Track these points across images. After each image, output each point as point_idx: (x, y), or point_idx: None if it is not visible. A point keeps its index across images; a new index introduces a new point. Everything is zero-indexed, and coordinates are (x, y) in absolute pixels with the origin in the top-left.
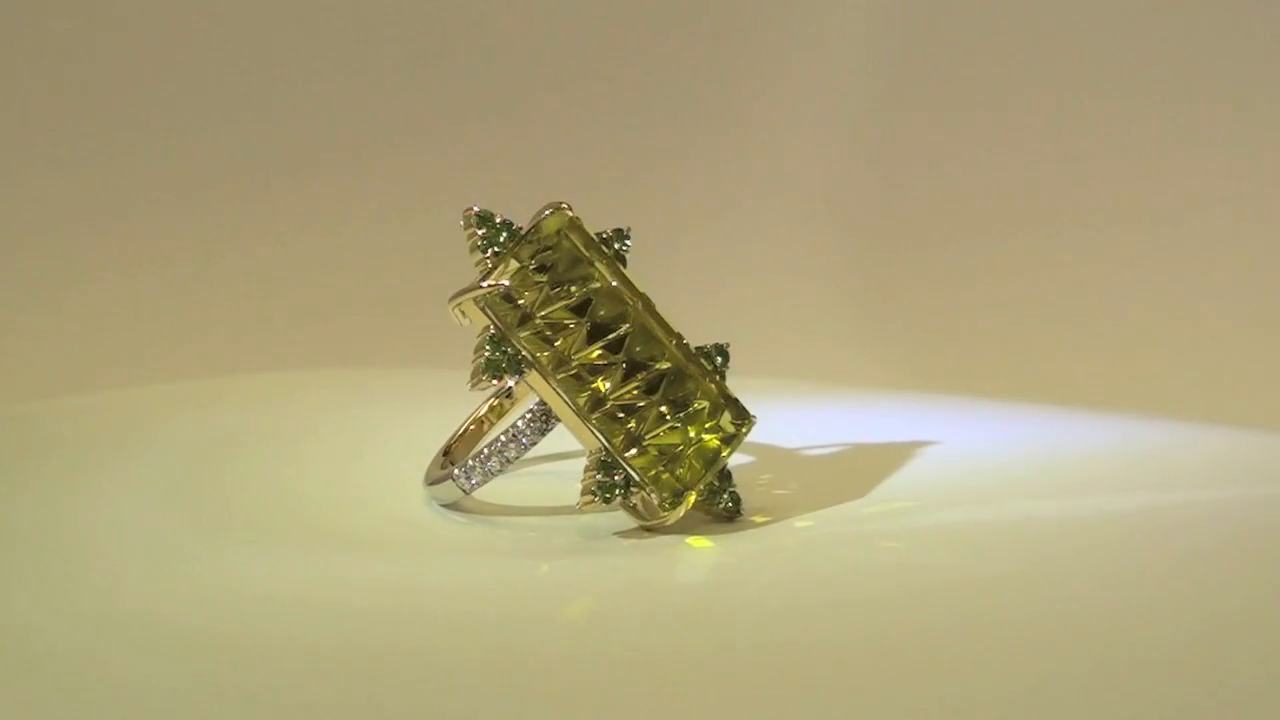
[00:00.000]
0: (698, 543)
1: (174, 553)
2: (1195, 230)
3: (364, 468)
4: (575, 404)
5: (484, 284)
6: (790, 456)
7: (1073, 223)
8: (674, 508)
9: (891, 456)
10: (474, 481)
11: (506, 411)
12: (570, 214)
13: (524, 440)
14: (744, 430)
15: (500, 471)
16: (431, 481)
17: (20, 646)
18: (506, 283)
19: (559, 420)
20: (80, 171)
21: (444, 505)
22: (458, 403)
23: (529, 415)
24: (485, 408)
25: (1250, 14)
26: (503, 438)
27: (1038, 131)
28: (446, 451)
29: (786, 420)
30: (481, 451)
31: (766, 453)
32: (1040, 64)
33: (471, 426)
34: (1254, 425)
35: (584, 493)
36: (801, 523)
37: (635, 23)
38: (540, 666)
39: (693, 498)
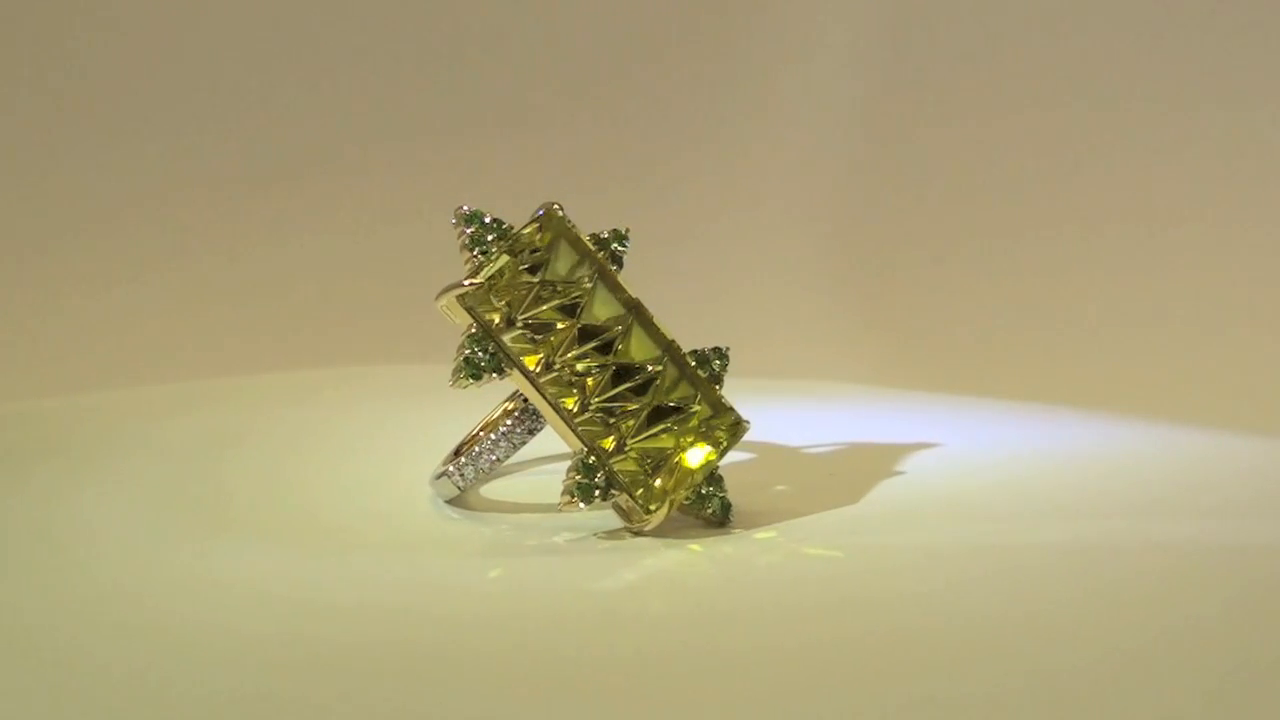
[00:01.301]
0: (667, 548)
1: (172, 550)
2: (1194, 231)
3: (357, 467)
4: (558, 405)
5: (465, 282)
6: (787, 460)
7: (1068, 224)
8: (653, 513)
9: (881, 462)
10: (467, 478)
11: None
12: (562, 215)
13: (513, 439)
14: (736, 436)
15: (492, 469)
16: (435, 477)
17: (20, 644)
18: (479, 281)
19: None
20: (84, 172)
21: (447, 500)
22: (458, 400)
23: (517, 415)
24: (499, 411)
25: (1250, 14)
26: (493, 436)
27: (1034, 133)
28: (457, 452)
29: (786, 422)
30: (473, 450)
31: (765, 455)
32: (1035, 66)
33: (481, 432)
34: (1253, 429)
35: (563, 493)
36: (763, 534)
37: (633, 26)
38: (443, 664)
39: (669, 504)
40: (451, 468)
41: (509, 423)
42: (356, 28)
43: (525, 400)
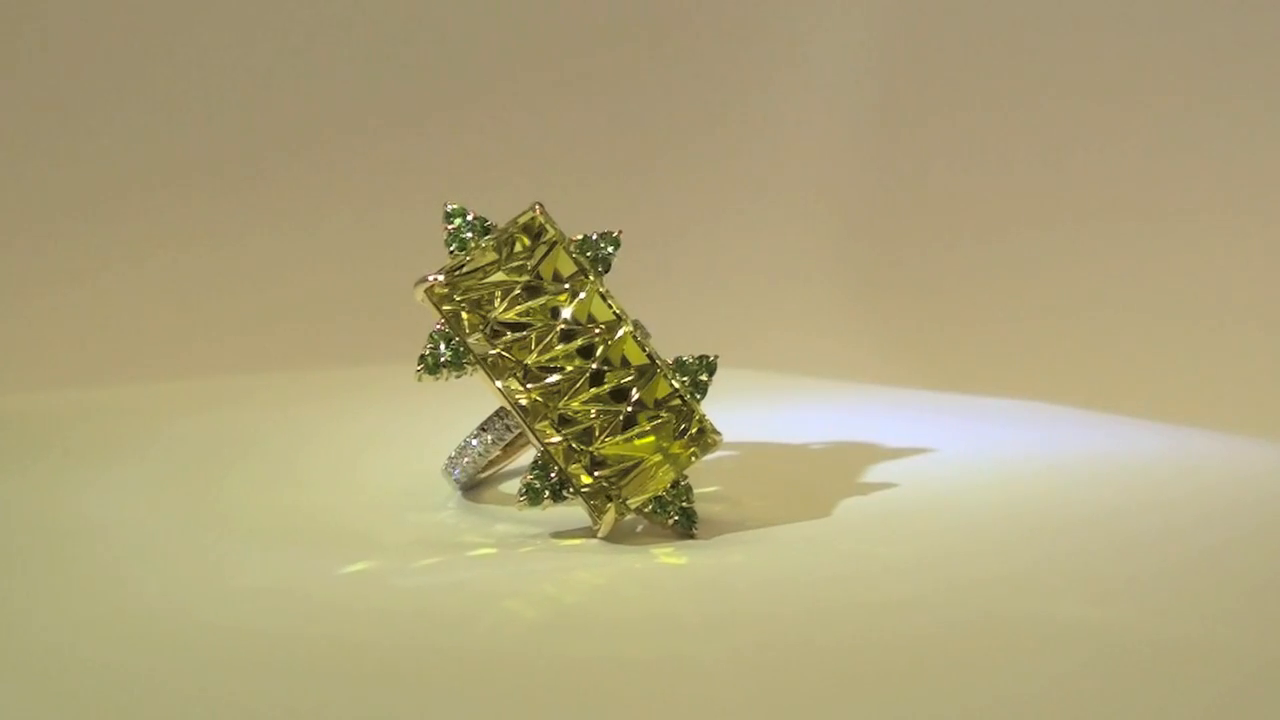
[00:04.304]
0: (593, 553)
1: (176, 549)
2: (1198, 229)
3: (362, 465)
4: (520, 406)
5: (430, 277)
6: (778, 462)
7: (1074, 220)
8: (601, 518)
9: (873, 467)
10: (457, 472)
11: None
12: (543, 217)
13: (493, 434)
14: (705, 449)
15: (479, 462)
16: (441, 470)
17: (24, 643)
18: (441, 277)
19: None
20: (89, 167)
21: (462, 493)
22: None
23: (496, 410)
24: None
25: (1250, 14)
26: (475, 430)
27: (1040, 129)
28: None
29: (786, 420)
30: (461, 445)
31: (762, 455)
32: (1042, 63)
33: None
34: (1254, 430)
35: (518, 492)
36: (661, 550)
37: (638, 18)
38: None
39: (615, 511)
40: (446, 462)
41: (489, 417)
42: (356, 14)
43: None
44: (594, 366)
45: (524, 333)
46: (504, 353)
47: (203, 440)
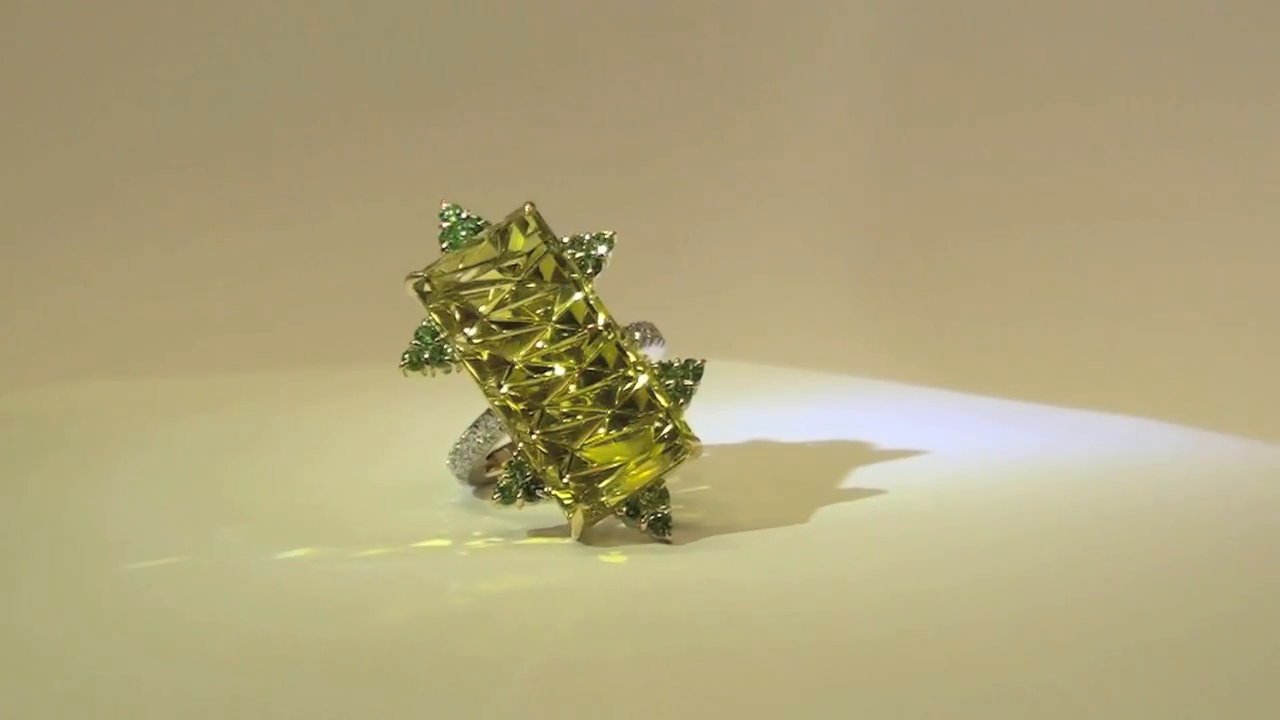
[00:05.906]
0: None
1: (171, 548)
2: (1201, 229)
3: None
4: (501, 405)
5: (419, 272)
6: (771, 463)
7: (1078, 220)
8: (570, 520)
9: (863, 470)
10: (457, 465)
11: None
12: (533, 216)
13: (481, 435)
14: (682, 456)
15: (474, 463)
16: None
17: (26, 642)
18: (423, 273)
19: None
20: (92, 166)
21: (474, 488)
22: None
23: (485, 410)
24: None
25: (1250, 14)
26: (468, 428)
27: (1044, 128)
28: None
29: (782, 415)
30: (457, 442)
31: (755, 455)
32: (1048, 63)
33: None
34: (1256, 431)
35: (492, 491)
36: (613, 551)
37: (641, 14)
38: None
39: (581, 513)
40: (447, 460)
41: (480, 415)
42: (356, 11)
43: None
44: (580, 368)
45: (512, 331)
46: (491, 351)
47: (214, 435)
